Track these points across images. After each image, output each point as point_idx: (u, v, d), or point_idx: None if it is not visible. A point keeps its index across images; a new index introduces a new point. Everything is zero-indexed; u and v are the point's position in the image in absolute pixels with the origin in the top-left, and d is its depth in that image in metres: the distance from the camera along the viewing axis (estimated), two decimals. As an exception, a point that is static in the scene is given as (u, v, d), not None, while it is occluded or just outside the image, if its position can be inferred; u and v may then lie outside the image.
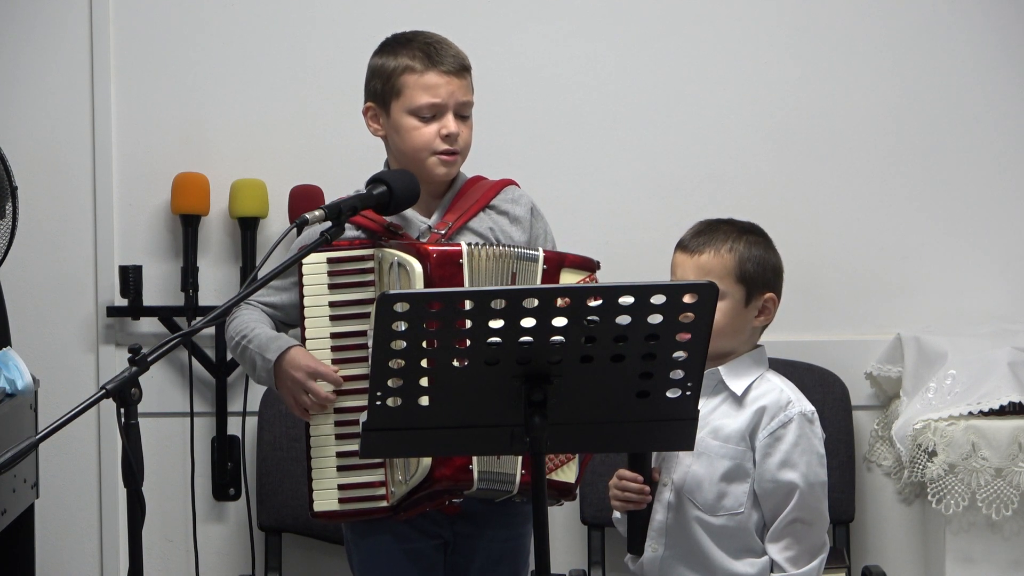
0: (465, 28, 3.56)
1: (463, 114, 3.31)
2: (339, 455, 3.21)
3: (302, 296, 3.24)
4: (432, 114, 3.28)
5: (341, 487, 3.21)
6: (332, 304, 3.23)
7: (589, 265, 3.27)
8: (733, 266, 3.23)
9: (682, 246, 3.28)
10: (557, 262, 3.23)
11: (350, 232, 3.25)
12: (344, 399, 3.20)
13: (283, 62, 4.37)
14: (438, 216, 3.33)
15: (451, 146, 3.28)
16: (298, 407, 3.23)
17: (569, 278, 3.22)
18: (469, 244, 3.20)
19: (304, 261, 3.19)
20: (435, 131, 3.28)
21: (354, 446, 3.16)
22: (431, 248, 3.17)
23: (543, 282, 3.20)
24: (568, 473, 3.23)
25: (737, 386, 3.24)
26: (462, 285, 3.15)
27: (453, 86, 3.29)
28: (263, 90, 4.36)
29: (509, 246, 3.23)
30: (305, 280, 3.23)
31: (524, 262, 3.22)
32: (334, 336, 3.23)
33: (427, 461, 3.13)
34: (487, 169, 3.46)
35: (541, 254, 3.23)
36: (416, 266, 3.14)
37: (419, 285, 3.13)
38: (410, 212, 3.28)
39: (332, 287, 3.25)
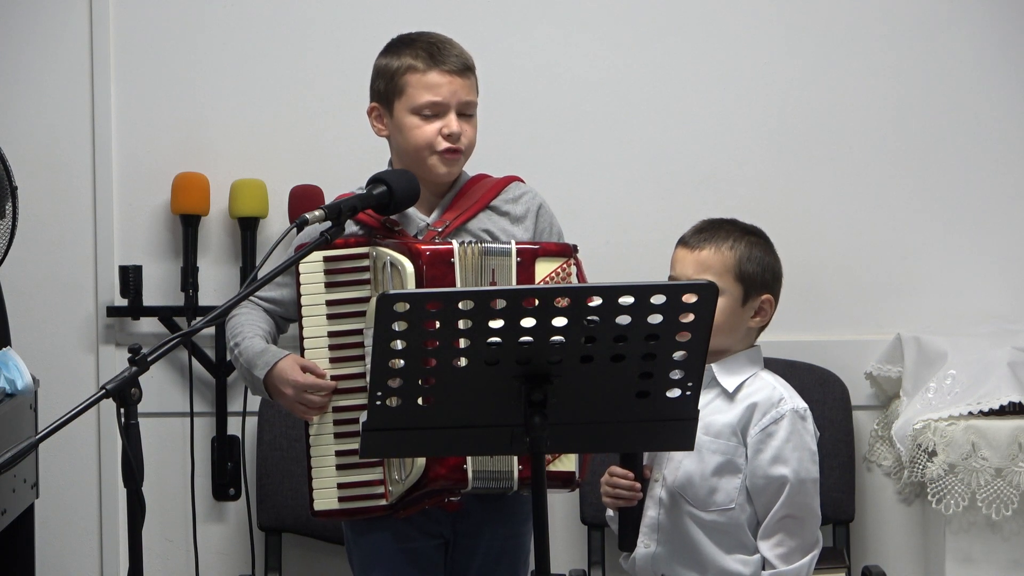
0: (466, 28, 3.56)
1: (466, 113, 3.31)
2: (338, 454, 3.21)
3: (299, 295, 3.24)
4: (434, 112, 3.28)
5: (341, 486, 3.21)
6: (329, 303, 3.23)
7: (565, 251, 3.25)
8: (733, 264, 3.24)
9: (683, 242, 3.29)
10: (531, 253, 3.22)
11: (349, 228, 3.26)
12: (342, 398, 3.21)
13: (283, 62, 4.37)
14: (437, 214, 3.33)
15: (453, 144, 3.28)
16: (298, 414, 3.24)
17: (546, 266, 3.22)
18: (461, 243, 3.20)
19: (301, 260, 3.20)
20: (437, 130, 3.28)
21: (353, 445, 3.16)
22: (423, 247, 3.17)
23: (518, 274, 3.20)
24: (567, 463, 3.22)
25: (729, 383, 3.25)
26: (454, 284, 3.16)
27: (455, 85, 3.29)
28: (263, 90, 4.36)
29: (483, 243, 3.23)
30: (302, 279, 3.24)
31: (498, 257, 3.21)
32: (331, 335, 3.23)
33: (421, 461, 3.13)
34: (487, 169, 3.46)
35: (513, 247, 3.22)
36: (408, 266, 3.15)
37: (411, 284, 3.13)
38: (411, 209, 3.28)
39: (329, 285, 3.25)
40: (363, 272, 3.23)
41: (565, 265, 3.23)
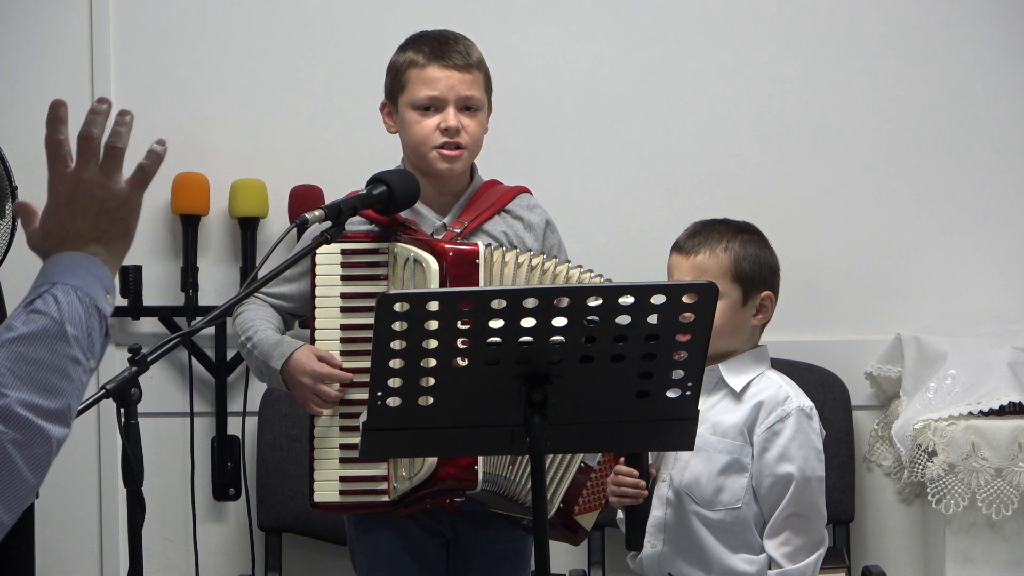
0: (466, 28, 3.56)
1: (468, 108, 3.31)
2: (342, 447, 3.21)
3: (314, 286, 3.24)
4: (433, 107, 3.29)
5: (343, 479, 3.21)
6: (343, 296, 3.23)
7: None
8: (729, 266, 3.24)
9: (677, 247, 3.29)
10: None
11: (363, 225, 3.26)
12: (350, 392, 3.20)
13: (283, 62, 4.37)
14: (453, 215, 3.33)
15: (450, 139, 3.28)
16: (311, 407, 3.23)
17: None
18: (488, 245, 3.20)
19: (318, 251, 3.20)
20: (435, 124, 3.29)
21: (358, 439, 3.16)
22: (448, 246, 3.17)
23: None
24: (588, 521, 3.27)
25: (736, 383, 3.25)
26: (477, 285, 3.16)
27: (454, 80, 3.29)
28: (263, 90, 4.36)
29: (594, 272, 3.25)
30: (317, 270, 3.24)
31: None
32: (344, 328, 3.23)
33: (432, 459, 3.13)
34: (488, 169, 3.46)
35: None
36: (432, 263, 3.15)
37: (435, 282, 3.14)
38: (425, 209, 3.29)
39: (344, 278, 3.25)
40: (380, 267, 3.23)
41: None
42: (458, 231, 3.29)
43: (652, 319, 2.63)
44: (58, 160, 2.02)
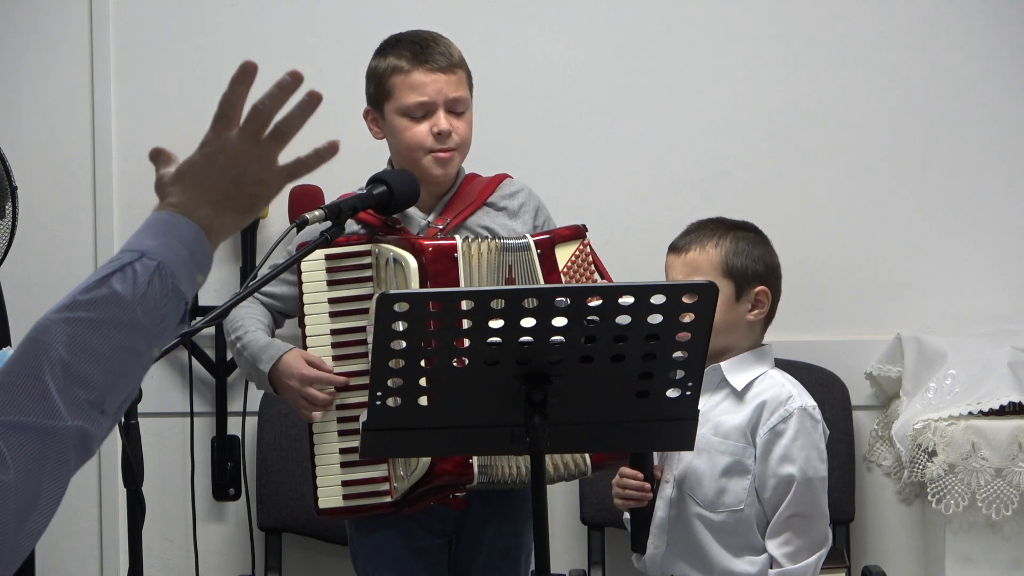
0: (465, 28, 3.57)
1: (456, 110, 3.31)
2: (342, 451, 3.22)
3: (301, 293, 3.24)
4: (422, 113, 3.28)
5: (345, 483, 3.22)
6: (331, 301, 3.24)
7: (578, 232, 3.28)
8: (719, 261, 3.24)
9: (672, 247, 3.31)
10: (549, 243, 3.24)
11: (350, 227, 3.26)
12: (345, 396, 3.21)
13: (283, 62, 4.34)
14: (436, 213, 3.34)
15: (443, 143, 3.28)
16: (301, 411, 3.23)
17: (565, 251, 3.24)
18: (465, 238, 3.20)
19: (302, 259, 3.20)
20: (427, 129, 3.28)
21: (357, 443, 3.17)
22: (426, 243, 3.18)
23: (542, 265, 3.21)
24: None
25: (738, 381, 3.25)
26: (457, 280, 3.16)
27: (441, 83, 3.28)
28: (263, 90, 4.35)
29: (497, 238, 3.24)
30: (304, 277, 3.24)
31: (517, 253, 3.22)
32: (334, 333, 3.24)
33: (427, 457, 3.14)
34: (487, 168, 3.46)
35: (531, 240, 3.23)
36: (411, 261, 3.15)
37: (414, 280, 3.14)
38: (411, 209, 3.29)
39: (331, 283, 3.25)
40: (365, 269, 3.23)
41: (582, 246, 3.25)
42: (441, 227, 3.29)
43: (652, 319, 2.63)
44: (223, 119, 1.97)
